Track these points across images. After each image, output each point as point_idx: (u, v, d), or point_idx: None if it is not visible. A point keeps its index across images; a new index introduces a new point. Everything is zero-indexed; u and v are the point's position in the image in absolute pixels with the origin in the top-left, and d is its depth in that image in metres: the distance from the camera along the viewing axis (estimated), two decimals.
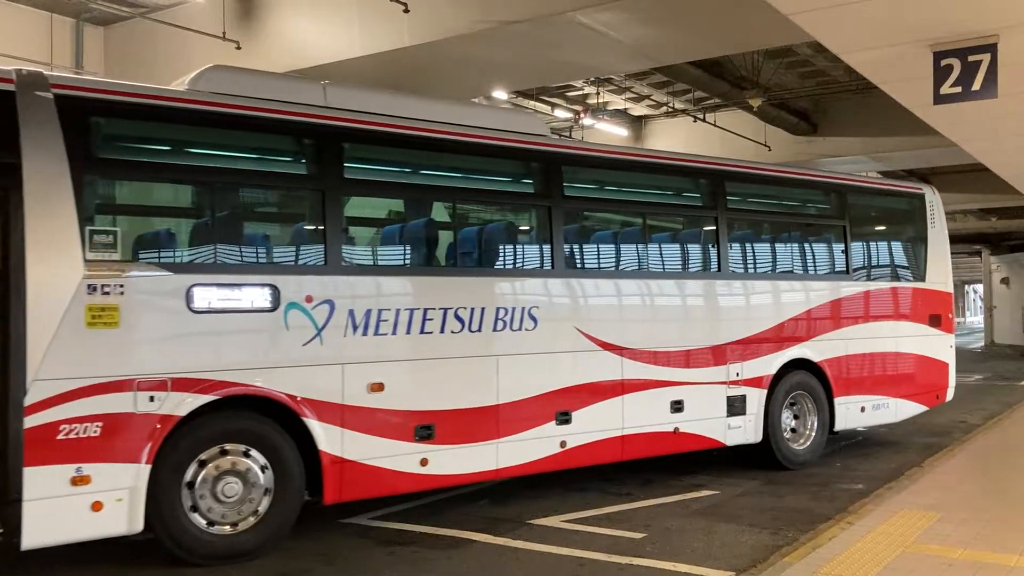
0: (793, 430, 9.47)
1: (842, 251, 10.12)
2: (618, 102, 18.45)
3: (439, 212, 7.79)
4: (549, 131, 8.26)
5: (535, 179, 8.10)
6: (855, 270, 10.21)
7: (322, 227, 6.54)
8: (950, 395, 11.16)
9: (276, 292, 6.18)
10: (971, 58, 7.34)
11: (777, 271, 9.74)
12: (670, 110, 18.65)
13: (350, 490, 6.47)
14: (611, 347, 7.94)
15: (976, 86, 7.37)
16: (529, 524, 7.05)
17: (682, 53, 12.02)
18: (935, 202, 11.15)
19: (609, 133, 18.60)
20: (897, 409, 10.37)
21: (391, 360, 6.72)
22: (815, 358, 9.52)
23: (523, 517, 7.25)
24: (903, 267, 10.94)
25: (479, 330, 7.14)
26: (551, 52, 10.96)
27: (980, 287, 51.02)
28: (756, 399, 8.96)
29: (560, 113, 18.14)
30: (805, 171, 10.92)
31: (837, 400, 9.68)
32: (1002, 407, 14.61)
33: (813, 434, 9.56)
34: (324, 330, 6.35)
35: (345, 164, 6.85)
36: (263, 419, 6.17)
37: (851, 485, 8.54)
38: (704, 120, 18.28)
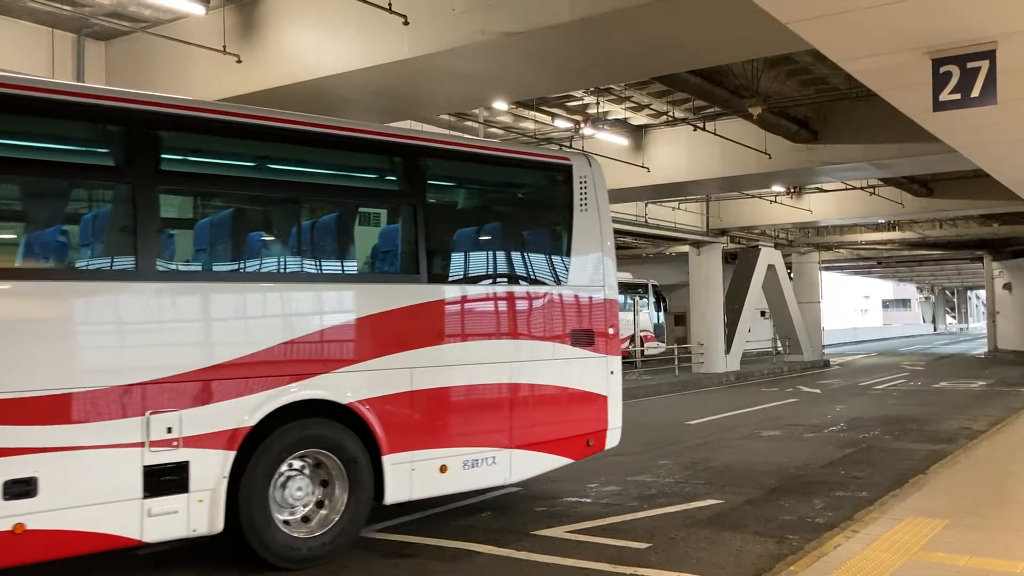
0: (320, 503, 6.45)
1: (409, 241, 7.06)
2: (618, 111, 18.47)
3: None
4: None
5: None
6: (434, 268, 7.20)
7: None
8: (613, 440, 8.12)
9: None
10: (970, 65, 7.35)
11: (266, 269, 6.74)
12: (670, 119, 18.70)
13: None
14: None
15: (975, 93, 7.38)
16: (533, 535, 7.04)
17: (681, 62, 12.03)
18: (590, 178, 8.11)
19: (610, 142, 18.65)
20: (512, 464, 7.39)
21: None
22: (344, 398, 6.45)
23: (527, 528, 7.24)
24: (526, 266, 8.04)
25: None
26: (550, 63, 10.97)
27: (983, 293, 51.10)
28: (215, 467, 5.84)
29: (560, 123, 18.18)
30: (333, 123, 7.02)
31: (390, 458, 6.62)
32: (1006, 413, 14.61)
33: (341, 511, 6.43)
34: None
35: None
36: None
37: (856, 493, 8.53)
38: (704, 129, 18.31)
